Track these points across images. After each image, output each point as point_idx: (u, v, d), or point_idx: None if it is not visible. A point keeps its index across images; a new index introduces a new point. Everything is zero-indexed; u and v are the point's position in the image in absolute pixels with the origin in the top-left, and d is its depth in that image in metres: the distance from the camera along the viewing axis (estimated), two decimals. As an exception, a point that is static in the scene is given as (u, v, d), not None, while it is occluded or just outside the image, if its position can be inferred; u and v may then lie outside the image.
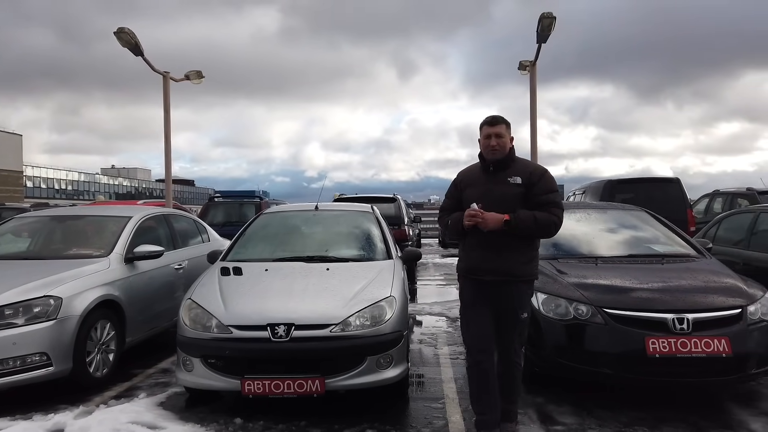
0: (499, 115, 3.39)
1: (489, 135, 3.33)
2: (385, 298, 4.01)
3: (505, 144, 3.34)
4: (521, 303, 3.32)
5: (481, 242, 3.31)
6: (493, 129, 3.33)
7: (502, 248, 3.26)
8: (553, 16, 8.43)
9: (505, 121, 3.38)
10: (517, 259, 3.27)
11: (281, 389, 3.61)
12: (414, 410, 4.05)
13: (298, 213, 5.98)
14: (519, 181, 3.28)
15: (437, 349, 5.73)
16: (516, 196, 3.27)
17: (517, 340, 3.38)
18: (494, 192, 3.30)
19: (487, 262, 3.30)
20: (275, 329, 3.69)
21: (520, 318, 3.32)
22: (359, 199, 11.46)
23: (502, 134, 3.32)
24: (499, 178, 3.33)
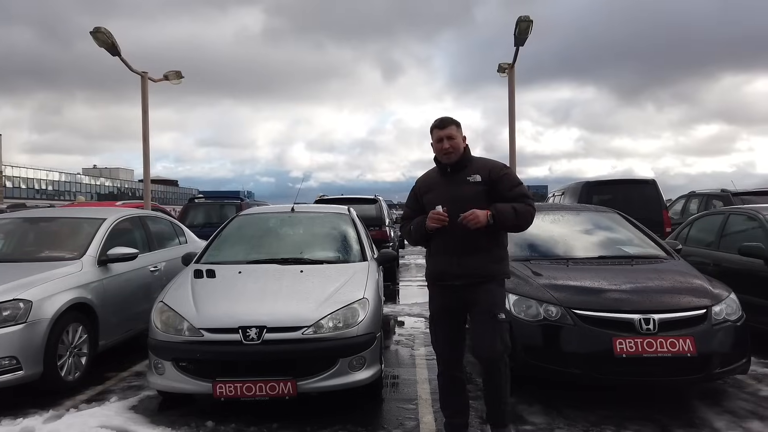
0: (448, 116, 3.36)
1: (441, 138, 3.30)
2: (358, 300, 4.03)
3: (458, 145, 3.30)
4: (495, 303, 3.22)
5: (447, 246, 3.27)
6: (443, 132, 3.30)
7: (469, 250, 3.21)
8: (530, 19, 8.53)
9: (455, 122, 3.34)
10: (485, 259, 3.23)
11: (253, 392, 3.61)
12: (387, 411, 4.07)
13: (273, 215, 5.98)
14: (479, 179, 3.24)
15: (414, 350, 5.77)
16: (478, 194, 3.23)
17: (499, 343, 3.18)
18: (455, 193, 3.26)
19: (454, 266, 3.24)
20: (247, 332, 3.69)
21: (497, 319, 3.19)
22: (340, 200, 11.48)
23: (453, 135, 3.29)
24: (458, 179, 3.29)
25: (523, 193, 3.30)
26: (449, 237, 3.24)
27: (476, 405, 3.90)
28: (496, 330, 3.18)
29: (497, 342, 3.18)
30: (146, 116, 10.16)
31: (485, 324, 3.20)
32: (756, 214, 5.89)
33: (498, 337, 3.18)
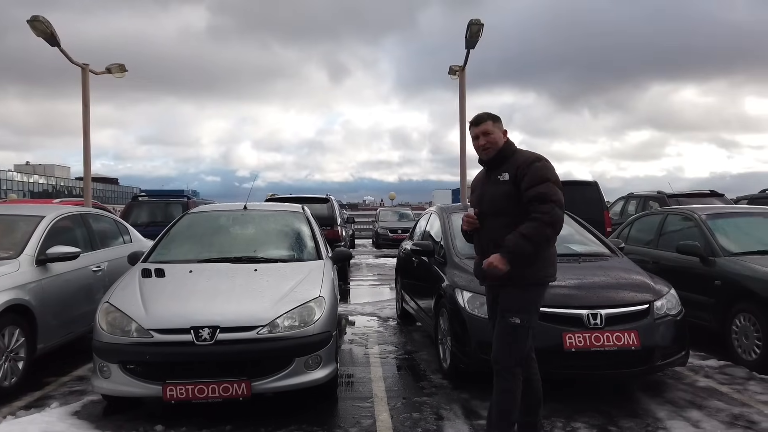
0: (485, 112, 3.19)
1: (476, 135, 3.16)
2: (314, 299, 3.99)
3: (496, 140, 3.12)
4: (510, 306, 3.01)
5: (479, 247, 3.24)
6: (478, 128, 3.15)
7: (491, 252, 3.05)
8: (480, 23, 8.69)
9: (492, 117, 3.16)
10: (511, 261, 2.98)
11: (205, 394, 3.51)
12: (342, 410, 4.06)
13: (225, 213, 5.84)
14: (506, 178, 3.05)
15: (368, 349, 5.77)
16: (503, 195, 3.04)
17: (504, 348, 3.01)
18: (486, 193, 3.16)
19: (480, 267, 3.16)
20: (199, 332, 3.59)
21: (508, 322, 2.99)
22: (292, 199, 11.34)
23: (489, 131, 3.12)
24: (492, 178, 3.14)
25: (536, 195, 2.93)
26: (479, 239, 3.23)
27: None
28: (502, 333, 3.03)
29: (504, 346, 3.02)
30: (87, 110, 9.71)
31: (497, 327, 3.09)
32: (692, 214, 6.22)
33: (504, 340, 3.02)
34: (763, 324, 4.76)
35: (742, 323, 5.01)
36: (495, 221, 3.08)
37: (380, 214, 23.65)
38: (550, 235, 2.96)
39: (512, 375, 3.01)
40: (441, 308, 4.82)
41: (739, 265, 5.23)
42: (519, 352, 3.01)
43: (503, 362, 3.02)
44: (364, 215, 30.18)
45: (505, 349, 3.02)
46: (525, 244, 2.90)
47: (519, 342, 3.00)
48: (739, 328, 5.04)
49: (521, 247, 2.90)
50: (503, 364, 3.02)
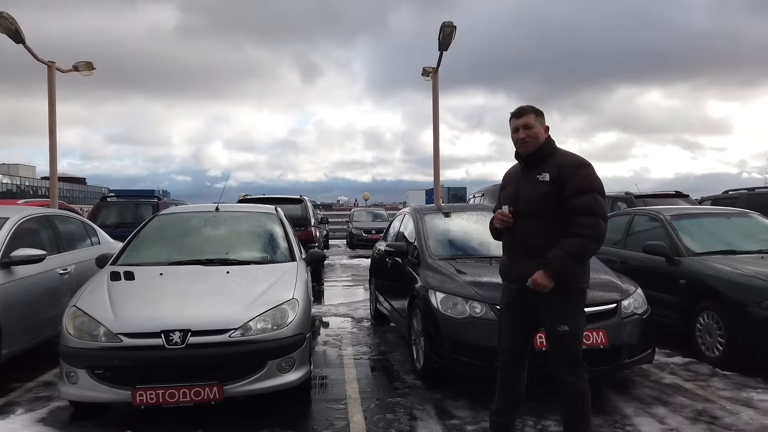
0: (527, 104, 3.05)
1: (517, 128, 3.01)
2: (287, 301, 3.97)
3: (537, 135, 2.97)
4: (555, 315, 2.92)
5: (508, 247, 3.11)
6: (519, 120, 3.00)
7: (524, 255, 2.95)
8: (453, 25, 8.77)
9: (534, 110, 3.01)
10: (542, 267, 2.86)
11: (176, 398, 3.47)
12: (316, 412, 4.05)
13: (196, 214, 5.76)
14: (547, 178, 2.90)
15: (341, 350, 5.77)
16: (542, 196, 2.90)
17: (565, 357, 2.95)
18: (522, 192, 3.00)
19: (510, 268, 3.08)
20: (170, 336, 3.54)
21: (558, 332, 2.92)
22: (265, 200, 11.26)
23: (531, 124, 2.97)
24: (529, 176, 2.98)
25: (582, 206, 2.82)
26: (510, 238, 3.08)
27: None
28: (556, 343, 2.97)
29: (559, 352, 2.97)
30: (53, 108, 9.49)
31: (548, 338, 3.03)
32: (658, 215, 6.38)
33: (558, 348, 2.96)
34: (725, 322, 4.92)
35: (705, 321, 5.17)
36: (530, 223, 2.95)
37: (354, 215, 23.64)
38: (594, 250, 2.90)
39: (577, 376, 2.96)
40: (414, 309, 4.85)
41: (703, 264, 5.39)
42: (575, 355, 2.96)
43: (565, 367, 2.96)
44: (338, 215, 30.13)
45: (561, 355, 2.97)
46: (571, 263, 2.83)
47: (572, 346, 2.95)
48: (702, 326, 5.20)
49: (567, 266, 2.83)
50: (566, 369, 2.96)
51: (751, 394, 4.30)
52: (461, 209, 6.47)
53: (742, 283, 4.89)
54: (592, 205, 2.83)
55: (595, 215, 2.82)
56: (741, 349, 4.79)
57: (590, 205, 2.82)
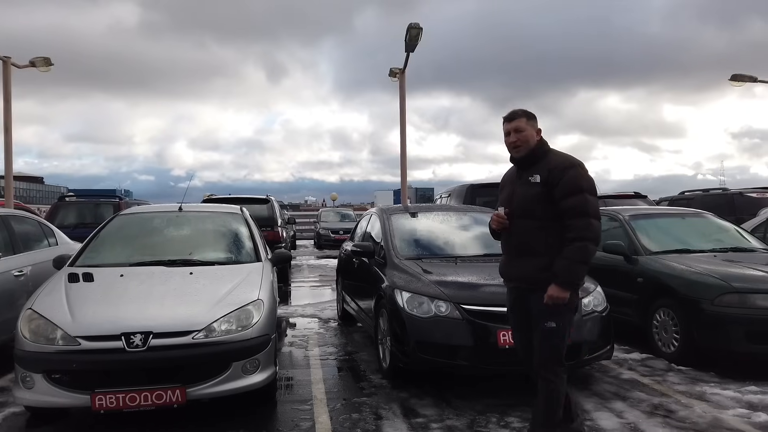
0: (519, 108, 3.15)
1: (508, 131, 3.11)
2: (252, 302, 3.94)
3: (528, 138, 3.06)
4: (544, 311, 2.99)
5: (506, 247, 3.23)
6: (511, 124, 3.10)
7: (520, 254, 3.08)
8: (419, 27, 8.84)
9: (526, 114, 3.11)
10: (536, 266, 2.99)
11: (137, 402, 3.40)
12: (281, 413, 4.03)
13: (159, 214, 5.65)
14: (537, 180, 3.00)
15: (308, 351, 5.75)
16: (534, 197, 3.00)
17: (549, 354, 3.02)
18: (516, 193, 3.11)
19: (508, 267, 3.20)
20: (131, 338, 3.47)
21: (544, 328, 2.99)
22: (230, 200, 11.12)
23: (522, 128, 3.07)
24: (522, 178, 3.09)
25: (573, 208, 2.90)
26: (507, 239, 3.19)
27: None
28: (541, 339, 3.04)
29: (544, 350, 3.03)
30: (9, 105, 9.19)
31: (535, 333, 3.09)
32: (617, 215, 6.57)
33: (543, 345, 3.03)
34: (680, 318, 5.10)
35: (661, 318, 5.34)
36: (524, 223, 3.05)
37: (322, 215, 23.56)
38: (594, 250, 2.95)
39: (555, 375, 3.03)
40: (381, 309, 4.87)
41: (659, 263, 5.57)
42: (558, 353, 3.04)
43: (545, 364, 3.04)
44: (305, 216, 29.95)
45: (545, 352, 3.03)
46: (577, 268, 2.90)
47: (557, 344, 3.02)
48: (659, 322, 5.37)
49: (576, 272, 2.90)
50: (546, 366, 3.04)
51: (704, 388, 4.46)
52: (428, 209, 6.53)
53: (696, 281, 5.07)
54: (582, 205, 2.90)
55: (586, 216, 2.90)
56: (695, 344, 4.97)
57: (581, 206, 2.90)
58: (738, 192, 12.87)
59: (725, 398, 4.22)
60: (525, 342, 3.23)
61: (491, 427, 3.72)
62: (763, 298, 4.75)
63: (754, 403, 4.11)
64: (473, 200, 10.74)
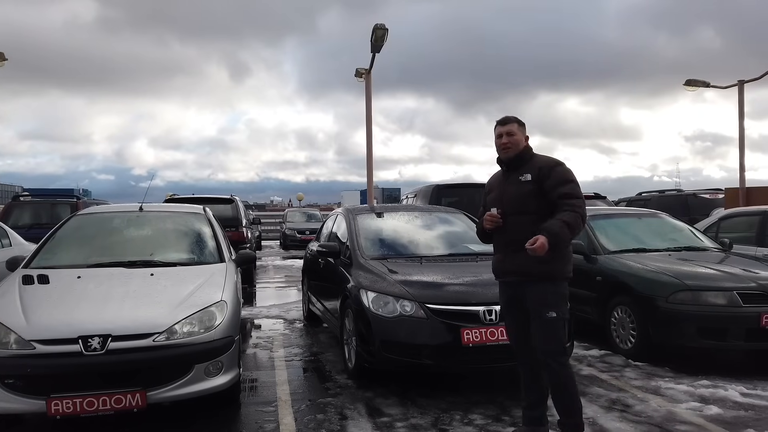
0: (512, 115, 3.38)
1: (501, 134, 3.33)
2: (215, 303, 3.89)
3: (518, 141, 3.31)
4: (544, 302, 3.16)
5: (500, 244, 3.37)
6: (504, 128, 3.33)
7: (516, 248, 3.19)
8: (385, 27, 8.88)
9: (518, 121, 3.37)
10: (532, 258, 3.09)
11: (95, 406, 3.31)
12: (245, 415, 3.99)
13: (119, 214, 5.52)
14: (529, 178, 3.22)
15: (273, 352, 5.71)
16: (527, 194, 3.21)
17: (552, 343, 3.16)
18: (507, 193, 3.30)
19: (505, 263, 3.32)
20: (88, 342, 3.38)
21: (546, 318, 3.14)
22: (194, 200, 10.93)
23: (514, 132, 3.31)
24: (512, 178, 3.31)
25: (566, 192, 3.16)
26: (501, 236, 3.34)
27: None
28: (544, 329, 3.16)
29: (547, 340, 3.16)
30: (-43, 100, 8.80)
31: (535, 323, 3.21)
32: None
33: (546, 335, 3.16)
34: (637, 316, 5.26)
35: (619, 315, 5.50)
36: (518, 219, 3.22)
37: (288, 215, 23.37)
38: (582, 225, 3.15)
39: (561, 363, 3.18)
40: (346, 309, 4.87)
41: (617, 262, 5.74)
42: (561, 341, 3.19)
43: (551, 354, 3.16)
44: (271, 216, 29.66)
45: (547, 342, 3.17)
46: (566, 231, 3.06)
47: (558, 333, 3.17)
48: (617, 319, 5.53)
49: (563, 233, 3.05)
50: (551, 356, 3.16)
51: (659, 383, 4.62)
52: (393, 209, 6.56)
53: (651, 279, 5.24)
54: (574, 189, 3.18)
55: (578, 197, 3.17)
56: (651, 341, 5.14)
57: (573, 190, 3.18)
58: (692, 193, 13.36)
59: (679, 392, 4.38)
60: (522, 338, 3.36)
61: (455, 425, 3.76)
62: (714, 295, 4.94)
63: (706, 396, 4.28)
64: (439, 200, 10.84)
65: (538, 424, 3.40)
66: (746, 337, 4.86)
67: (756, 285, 4.99)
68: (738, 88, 12.09)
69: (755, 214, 7.54)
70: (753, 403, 4.14)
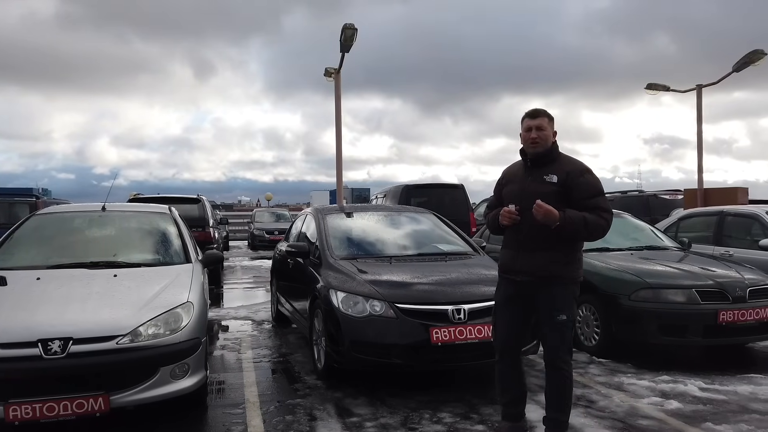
0: (542, 108, 3.27)
1: (530, 127, 3.20)
2: (181, 305, 3.82)
3: (547, 137, 3.19)
4: (555, 304, 3.15)
5: (513, 241, 3.28)
6: (534, 121, 3.20)
7: (531, 247, 3.16)
8: (354, 27, 8.87)
9: (548, 115, 3.24)
10: (547, 259, 3.13)
11: (56, 412, 3.22)
12: (212, 418, 3.93)
13: (80, 214, 5.36)
14: (554, 180, 3.13)
15: (240, 354, 5.64)
16: (550, 194, 3.10)
17: (560, 345, 3.17)
18: (529, 190, 3.17)
19: (519, 261, 3.23)
20: (48, 345, 3.28)
21: (556, 321, 3.13)
22: (159, 199, 10.71)
23: (544, 127, 3.19)
24: (536, 176, 3.19)
25: (599, 205, 3.14)
26: (516, 232, 3.23)
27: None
28: (553, 331, 3.17)
29: (557, 342, 3.17)
30: None
31: (545, 326, 3.20)
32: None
33: (556, 337, 3.17)
34: (600, 313, 5.39)
35: (584, 313, 5.62)
36: None
37: (256, 215, 23.11)
38: (598, 236, 3.16)
39: (567, 363, 3.20)
40: (316, 309, 4.85)
41: (582, 261, 5.86)
42: (569, 343, 3.22)
43: (560, 355, 3.18)
44: (239, 216, 29.28)
45: (557, 343, 3.18)
46: (580, 227, 3.06)
47: (567, 335, 3.19)
48: (582, 317, 5.65)
49: (576, 225, 3.05)
50: (559, 356, 3.18)
51: (622, 378, 4.74)
52: (363, 209, 6.55)
53: (614, 278, 5.38)
54: (605, 202, 3.18)
55: (608, 211, 3.18)
56: (614, 338, 5.27)
57: (604, 204, 3.17)
58: (653, 194, 13.74)
59: (641, 388, 4.50)
60: (512, 336, 3.37)
61: (424, 423, 3.78)
62: (674, 293, 5.10)
63: (666, 391, 4.40)
64: (408, 200, 10.88)
65: (518, 419, 3.46)
66: (704, 333, 5.03)
67: (713, 283, 5.17)
68: (696, 93, 12.47)
69: (712, 215, 7.81)
70: (711, 397, 4.28)
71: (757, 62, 11.13)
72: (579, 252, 3.26)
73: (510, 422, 3.46)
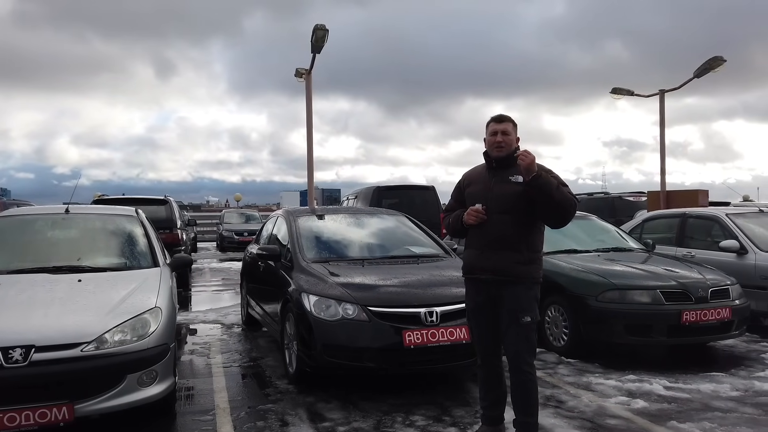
0: (507, 114, 3.38)
1: (495, 131, 3.30)
2: (149, 310, 3.73)
3: (511, 142, 3.30)
4: (520, 306, 3.19)
5: (478, 240, 3.30)
6: (499, 126, 3.31)
7: (496, 246, 3.21)
8: (325, 28, 8.84)
9: (512, 121, 3.36)
10: (512, 259, 3.18)
11: (17, 422, 3.11)
12: (181, 425, 3.86)
13: (42, 216, 5.19)
14: (520, 180, 3.20)
15: (210, 359, 5.54)
16: (517, 194, 3.20)
17: (523, 346, 3.20)
18: (495, 190, 3.26)
19: (483, 260, 3.26)
20: (9, 353, 3.16)
21: (521, 322, 3.17)
22: (124, 200, 10.46)
23: (509, 132, 3.30)
24: (501, 177, 3.27)
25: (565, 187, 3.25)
26: (481, 232, 3.26)
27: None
28: (518, 333, 3.19)
29: (520, 344, 3.20)
30: None
31: (509, 327, 3.22)
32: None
33: (521, 339, 3.20)
34: (569, 314, 5.48)
35: (553, 314, 5.71)
36: (502, 218, 3.21)
37: (225, 216, 22.78)
38: (568, 211, 3.18)
39: (531, 366, 3.25)
40: (287, 313, 4.80)
41: (549, 262, 5.92)
42: (533, 345, 3.27)
43: (524, 357, 3.21)
44: (207, 217, 28.81)
45: (523, 345, 3.21)
46: (553, 188, 3.10)
47: (531, 336, 3.23)
48: (550, 318, 5.74)
49: (551, 184, 3.10)
50: (523, 359, 3.21)
51: (590, 378, 4.83)
52: (335, 211, 6.53)
53: (582, 279, 5.48)
54: (571, 192, 3.26)
55: (576, 199, 3.28)
56: (582, 338, 5.37)
57: (571, 193, 3.25)
58: (617, 196, 14.07)
59: (608, 387, 4.59)
60: (490, 339, 3.38)
61: (397, 427, 3.78)
62: (639, 294, 5.23)
63: (633, 390, 4.51)
64: (379, 202, 10.89)
65: (498, 422, 3.48)
66: (668, 333, 5.17)
67: (677, 284, 5.32)
68: (659, 97, 12.80)
69: (675, 216, 8.04)
70: (675, 396, 4.40)
71: (716, 68, 11.50)
72: (540, 253, 3.34)
73: (489, 426, 3.49)
